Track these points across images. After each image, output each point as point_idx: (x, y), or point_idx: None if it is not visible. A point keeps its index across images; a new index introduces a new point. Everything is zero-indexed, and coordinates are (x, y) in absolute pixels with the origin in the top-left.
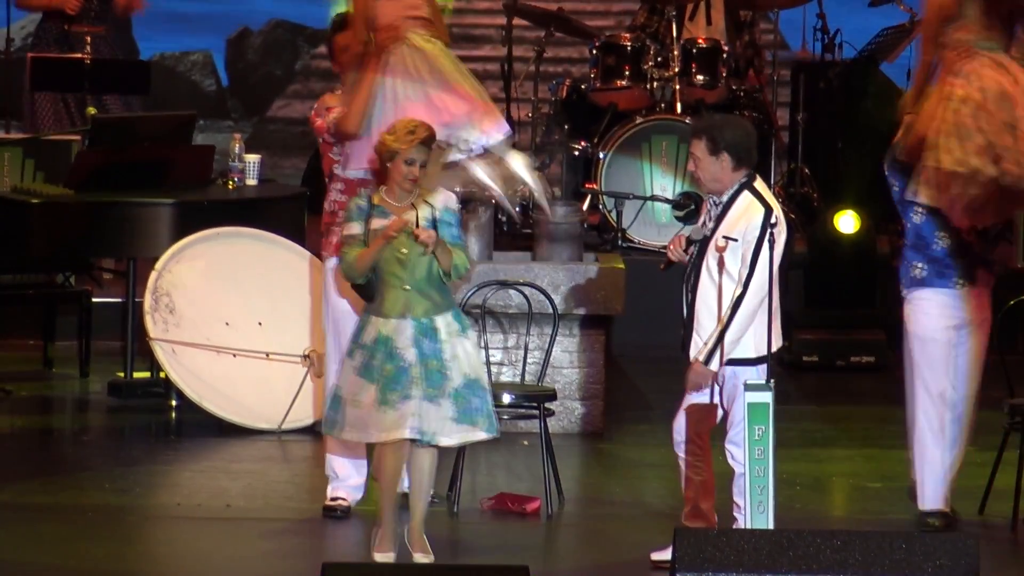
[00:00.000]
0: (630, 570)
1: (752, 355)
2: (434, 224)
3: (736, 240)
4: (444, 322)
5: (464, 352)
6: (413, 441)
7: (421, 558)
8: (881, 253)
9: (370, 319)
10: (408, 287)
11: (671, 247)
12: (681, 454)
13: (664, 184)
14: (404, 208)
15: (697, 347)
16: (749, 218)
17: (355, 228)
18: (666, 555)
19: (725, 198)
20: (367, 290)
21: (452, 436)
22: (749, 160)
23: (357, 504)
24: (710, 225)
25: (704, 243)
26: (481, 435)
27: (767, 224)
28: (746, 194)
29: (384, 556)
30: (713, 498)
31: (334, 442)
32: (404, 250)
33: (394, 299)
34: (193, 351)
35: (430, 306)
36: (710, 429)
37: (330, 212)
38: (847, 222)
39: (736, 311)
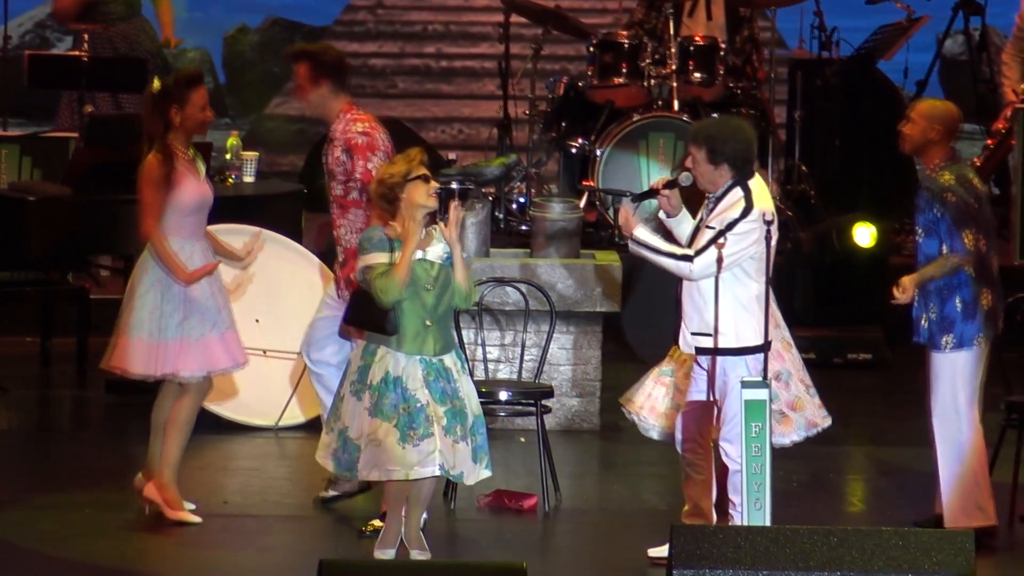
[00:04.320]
0: (627, 566)
1: (733, 344)
2: (447, 260)
3: (713, 228)
4: (451, 361)
5: (470, 390)
6: None
7: (418, 555)
8: (893, 264)
9: (379, 356)
10: (430, 323)
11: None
12: (681, 453)
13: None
14: (424, 241)
15: (685, 337)
16: (729, 211)
17: (382, 257)
18: (663, 551)
19: (718, 193)
20: (390, 322)
21: (473, 476)
22: (748, 169)
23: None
24: (704, 217)
25: (696, 233)
26: (486, 473)
27: (737, 221)
28: (737, 190)
29: (383, 553)
30: (713, 497)
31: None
32: (429, 287)
33: (414, 335)
34: None
35: (444, 344)
36: (710, 427)
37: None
38: (864, 235)
39: (661, 250)
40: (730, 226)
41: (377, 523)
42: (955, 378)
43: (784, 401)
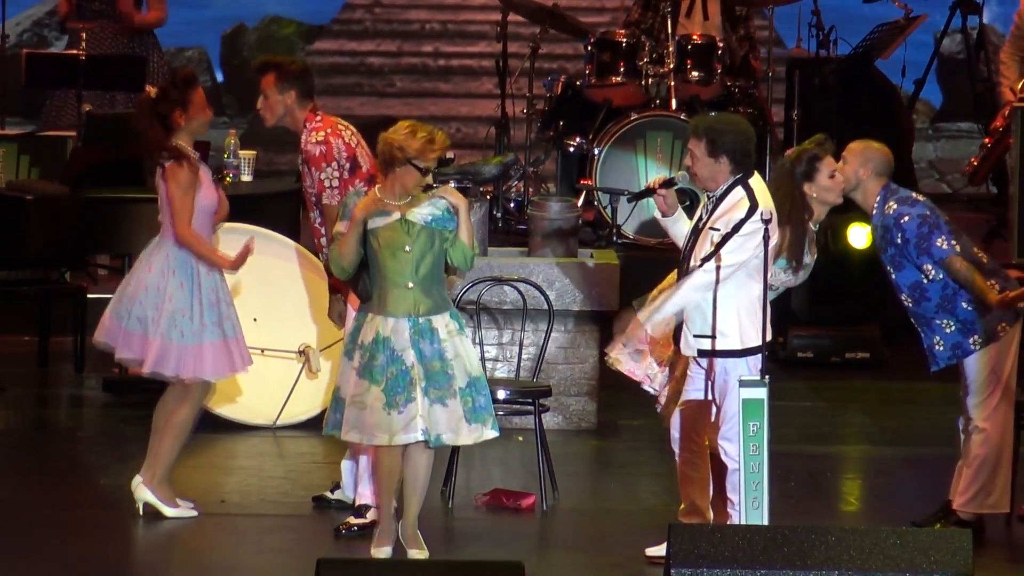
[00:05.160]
0: (625, 565)
1: (738, 347)
2: (434, 220)
3: (719, 231)
4: (443, 322)
5: (465, 351)
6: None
7: (416, 554)
8: None
9: (369, 318)
10: (411, 285)
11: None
12: (678, 451)
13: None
14: (404, 207)
15: (687, 339)
16: (733, 211)
17: (342, 226)
18: (661, 551)
19: (719, 192)
20: (361, 288)
21: (466, 436)
22: (747, 163)
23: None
24: (704, 219)
25: (695, 234)
26: (491, 434)
27: (744, 221)
28: (738, 189)
29: (381, 551)
30: (709, 495)
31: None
32: (408, 248)
33: (396, 297)
34: None
35: (432, 304)
36: (706, 426)
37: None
38: (859, 236)
39: (683, 284)
40: (737, 227)
41: (352, 520)
42: (994, 369)
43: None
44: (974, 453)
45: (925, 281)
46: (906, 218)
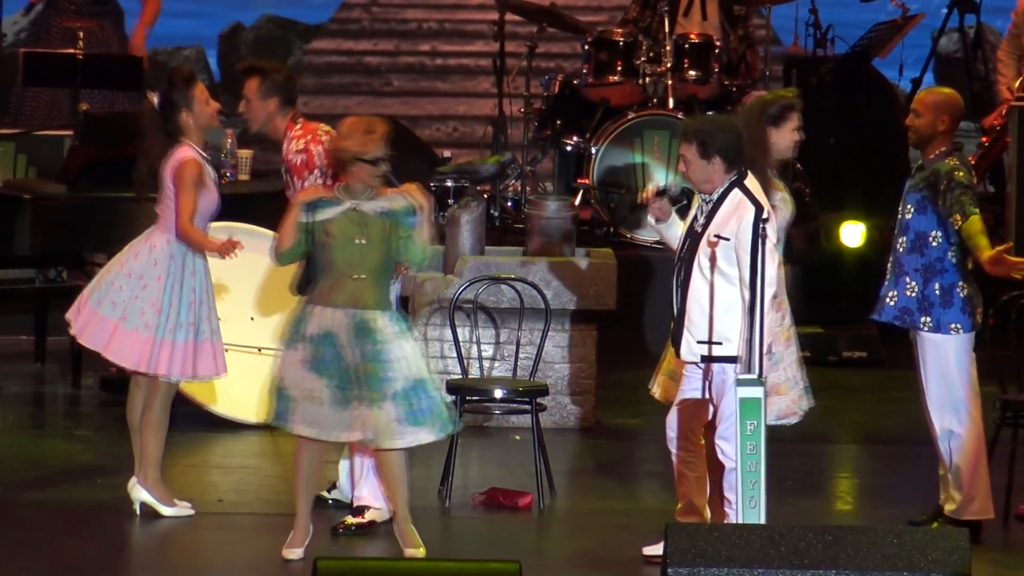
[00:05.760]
0: (622, 565)
1: (738, 352)
2: (388, 214)
3: (728, 240)
4: (384, 323)
5: (407, 354)
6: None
7: (412, 552)
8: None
9: (312, 309)
10: (361, 276)
11: (646, 194)
12: (674, 450)
13: (657, 179)
14: (360, 200)
15: (689, 344)
16: (740, 217)
17: (300, 218)
18: (657, 550)
19: (715, 196)
20: (300, 281)
21: (398, 439)
22: (740, 161)
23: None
24: (701, 220)
25: (695, 240)
26: (429, 437)
27: (759, 222)
28: (736, 192)
29: (292, 553)
30: (707, 494)
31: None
32: (359, 239)
33: (342, 288)
34: None
35: (375, 299)
36: (703, 425)
37: None
38: (851, 234)
39: (754, 316)
40: (758, 230)
41: (349, 519)
42: (944, 363)
43: (768, 383)
44: (953, 461)
45: (932, 239)
46: (960, 173)
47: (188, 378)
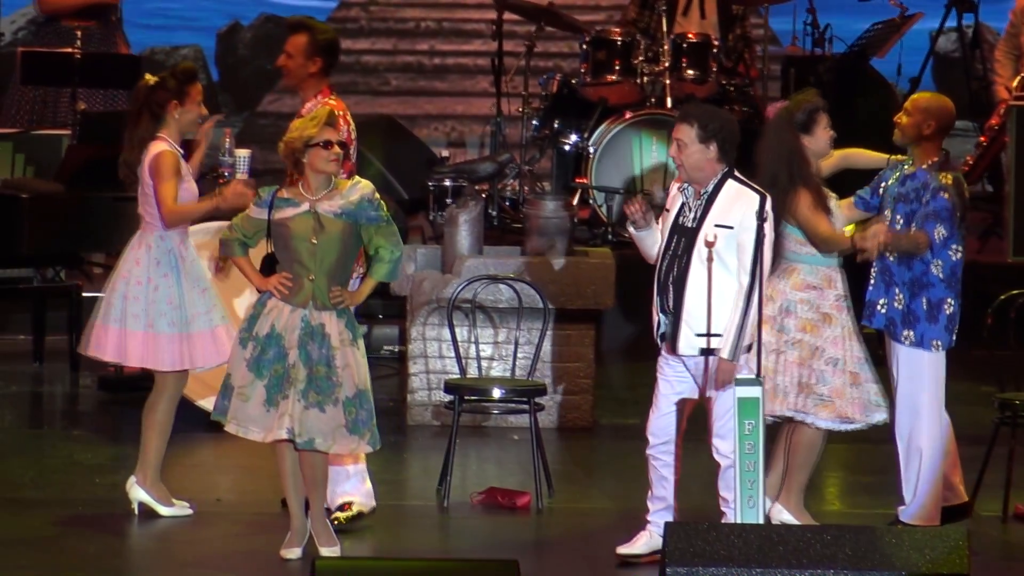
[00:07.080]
0: (620, 564)
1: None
2: (343, 214)
3: (731, 228)
4: (337, 328)
5: (356, 362)
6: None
7: (328, 551)
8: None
9: (267, 308)
10: (312, 277)
11: (633, 208)
12: (662, 457)
13: (655, 179)
14: (315, 200)
15: (688, 338)
16: (744, 205)
17: (250, 213)
18: (633, 548)
19: (710, 188)
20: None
21: (342, 444)
22: (732, 154)
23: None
24: (692, 215)
25: (688, 235)
26: (366, 448)
27: (763, 209)
28: (732, 182)
29: (291, 553)
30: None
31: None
32: (314, 240)
33: (299, 288)
34: None
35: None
36: (683, 423)
37: None
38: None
39: (749, 300)
40: (761, 216)
41: (338, 514)
42: (917, 378)
43: (827, 387)
44: (910, 466)
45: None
46: (945, 195)
47: (214, 365)
